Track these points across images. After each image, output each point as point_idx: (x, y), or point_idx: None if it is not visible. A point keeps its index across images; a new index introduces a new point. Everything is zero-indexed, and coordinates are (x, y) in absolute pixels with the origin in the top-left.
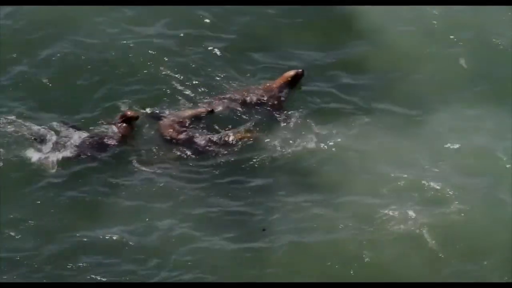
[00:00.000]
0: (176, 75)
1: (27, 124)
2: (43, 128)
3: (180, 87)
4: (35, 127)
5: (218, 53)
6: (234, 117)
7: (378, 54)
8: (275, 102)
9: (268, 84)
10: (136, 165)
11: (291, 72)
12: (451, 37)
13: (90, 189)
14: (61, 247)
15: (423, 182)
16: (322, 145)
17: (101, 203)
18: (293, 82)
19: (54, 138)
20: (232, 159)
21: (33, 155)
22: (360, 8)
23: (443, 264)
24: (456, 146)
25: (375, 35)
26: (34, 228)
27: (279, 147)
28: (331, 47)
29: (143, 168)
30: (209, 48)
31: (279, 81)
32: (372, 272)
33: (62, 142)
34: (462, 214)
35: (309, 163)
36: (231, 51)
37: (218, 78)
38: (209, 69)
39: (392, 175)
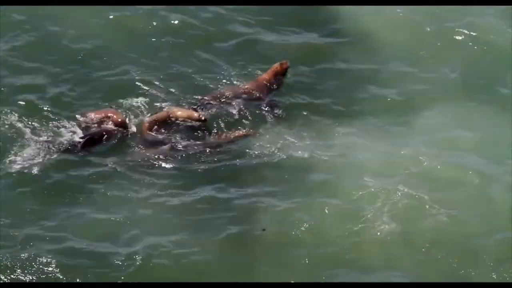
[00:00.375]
0: (162, 75)
1: (11, 120)
2: (34, 123)
3: (166, 86)
4: (24, 123)
5: (205, 52)
6: (224, 116)
7: (366, 55)
8: (264, 97)
9: (256, 80)
10: (121, 165)
11: (277, 65)
12: (440, 38)
13: (73, 188)
14: (42, 245)
15: (409, 183)
16: (308, 147)
17: (84, 202)
18: (280, 75)
19: (42, 135)
20: (217, 160)
21: (20, 152)
22: (349, 8)
23: (431, 265)
24: (444, 147)
25: (363, 35)
26: (13, 227)
27: (265, 148)
28: (319, 46)
29: (126, 170)
30: (194, 47)
31: (266, 76)
32: (360, 272)
33: (50, 139)
34: (450, 216)
35: (295, 164)
36: (217, 50)
37: (205, 77)
38: (195, 69)
39: (379, 175)
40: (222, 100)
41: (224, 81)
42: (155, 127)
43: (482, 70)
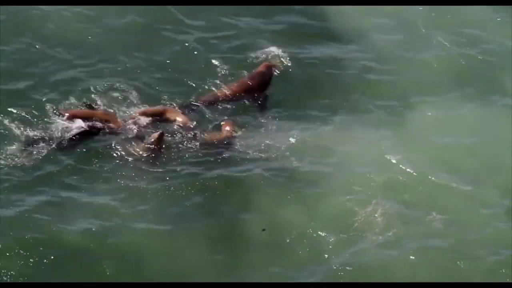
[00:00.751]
0: (154, 74)
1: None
2: (23, 118)
3: (157, 85)
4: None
5: (195, 49)
6: (215, 116)
7: (359, 53)
8: (257, 93)
9: (247, 76)
10: (109, 160)
11: (266, 64)
12: (433, 37)
13: (59, 184)
14: (29, 243)
15: (403, 183)
16: (300, 144)
17: (71, 199)
18: (271, 69)
19: (30, 130)
20: (206, 159)
21: (7, 148)
22: (343, 8)
23: (425, 266)
24: (438, 145)
25: (357, 34)
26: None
27: (255, 149)
28: (312, 45)
29: (115, 167)
30: (187, 45)
31: (258, 71)
32: (352, 272)
33: (38, 135)
34: (444, 220)
35: (288, 162)
36: (208, 48)
37: (196, 75)
38: (186, 66)
39: (373, 175)
40: (214, 100)
41: (216, 74)
42: (140, 122)
43: (479, 71)
